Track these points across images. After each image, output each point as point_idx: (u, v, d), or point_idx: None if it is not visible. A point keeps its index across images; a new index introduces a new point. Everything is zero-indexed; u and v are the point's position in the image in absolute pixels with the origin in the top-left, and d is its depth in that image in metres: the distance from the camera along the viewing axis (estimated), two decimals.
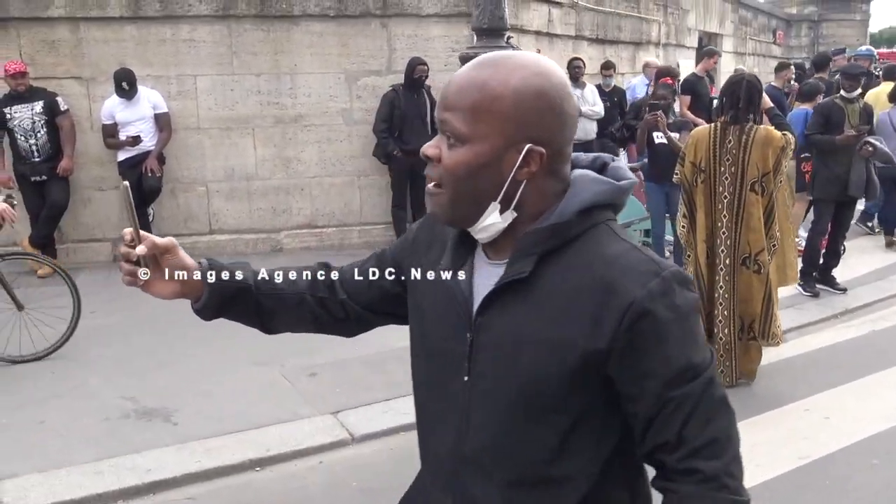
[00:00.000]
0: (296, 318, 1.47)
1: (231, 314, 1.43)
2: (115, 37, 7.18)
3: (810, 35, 31.10)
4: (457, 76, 1.20)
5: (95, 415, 4.32)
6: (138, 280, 1.32)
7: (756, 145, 4.55)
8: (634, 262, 1.15)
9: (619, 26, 13.12)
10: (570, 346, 1.15)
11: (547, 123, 1.17)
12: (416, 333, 1.38)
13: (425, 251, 1.37)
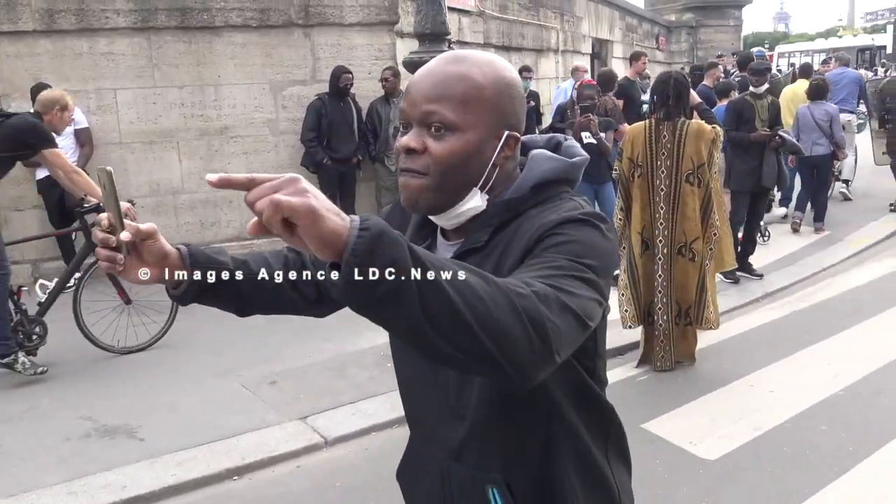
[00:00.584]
0: (270, 301, 1.51)
1: (209, 299, 1.44)
2: (29, 51, 6.93)
3: (689, 40, 32.49)
4: (429, 72, 1.27)
5: (55, 436, 4.18)
6: (117, 266, 1.29)
7: (689, 139, 4.85)
8: (565, 208, 1.25)
9: (523, 34, 13.52)
10: None
11: (517, 111, 1.31)
12: None
13: None
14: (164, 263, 1.33)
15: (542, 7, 15.08)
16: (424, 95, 1.25)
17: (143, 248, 1.29)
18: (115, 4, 7.03)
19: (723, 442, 3.95)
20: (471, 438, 1.35)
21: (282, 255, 1.53)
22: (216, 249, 1.45)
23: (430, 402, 1.42)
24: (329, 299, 1.51)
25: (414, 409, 1.50)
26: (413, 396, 1.49)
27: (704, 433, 4.06)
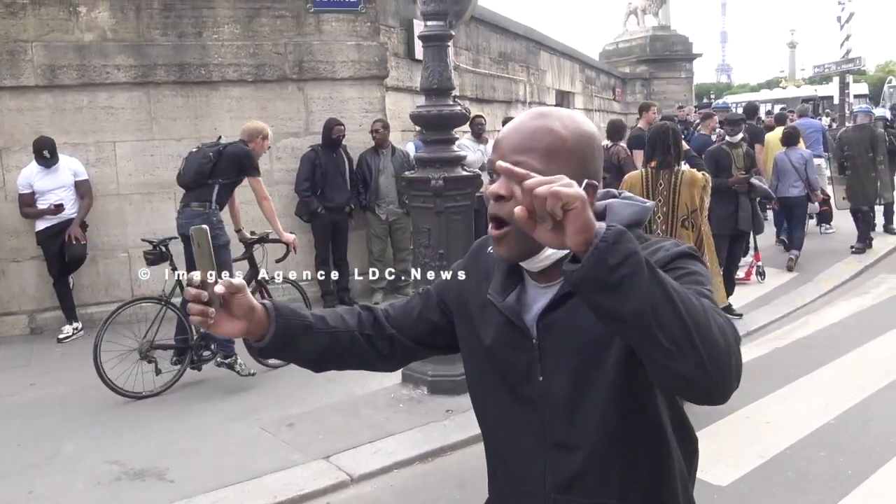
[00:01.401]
0: (346, 356, 1.60)
1: (289, 352, 1.54)
2: (30, 105, 7.08)
3: (644, 91, 33.48)
4: (518, 126, 1.39)
5: (85, 480, 4.27)
6: (209, 320, 1.37)
7: (683, 186, 5.19)
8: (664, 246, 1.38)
9: (494, 87, 13.97)
10: None
11: (596, 162, 1.42)
12: (473, 356, 1.56)
13: (476, 285, 1.54)
14: (251, 317, 1.44)
15: (511, 61, 15.61)
16: (513, 147, 1.36)
17: (233, 302, 1.40)
18: (115, 60, 7.23)
19: (731, 469, 4.19)
20: (585, 469, 1.42)
21: (355, 312, 1.63)
22: (298, 306, 1.56)
23: (524, 441, 1.48)
24: (400, 354, 1.65)
25: (502, 450, 1.54)
26: (501, 438, 1.53)
27: (712, 462, 4.30)
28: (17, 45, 6.96)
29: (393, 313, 1.65)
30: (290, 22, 7.88)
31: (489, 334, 1.49)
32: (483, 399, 1.57)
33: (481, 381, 1.55)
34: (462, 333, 1.59)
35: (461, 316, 1.58)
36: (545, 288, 1.44)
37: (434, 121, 5.31)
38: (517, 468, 1.51)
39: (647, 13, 34.13)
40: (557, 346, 1.41)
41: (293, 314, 1.51)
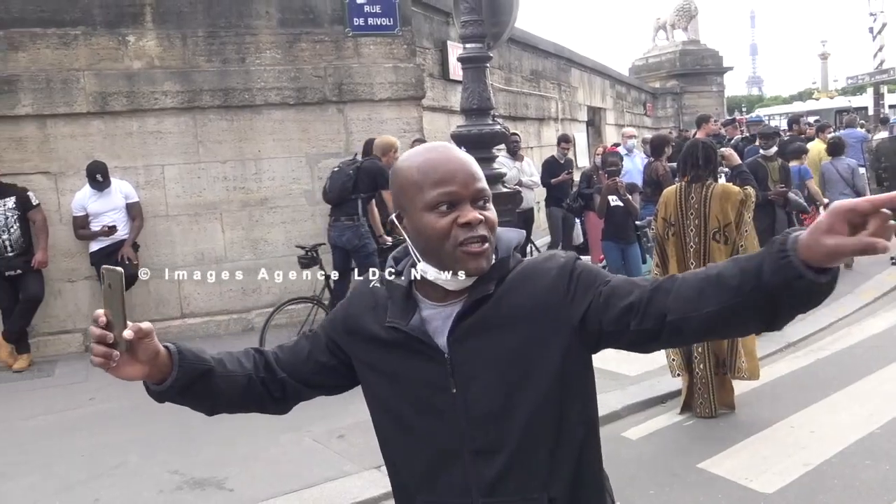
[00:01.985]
0: (241, 400, 1.63)
1: (188, 396, 1.53)
2: (83, 131, 7.35)
3: (674, 106, 33.50)
4: (454, 160, 1.49)
5: (149, 489, 4.44)
6: (111, 362, 1.37)
7: (714, 200, 5.27)
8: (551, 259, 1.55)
9: (526, 104, 14.14)
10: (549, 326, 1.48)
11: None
12: (379, 382, 1.59)
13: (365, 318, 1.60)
14: (154, 361, 1.44)
15: (542, 79, 15.77)
16: (470, 177, 1.48)
17: (139, 347, 1.40)
18: (163, 87, 7.50)
19: (777, 477, 4.25)
20: (508, 471, 1.50)
21: (250, 355, 1.66)
22: (199, 349, 1.56)
23: (441, 453, 1.54)
24: (291, 396, 1.68)
25: (420, 469, 1.58)
26: (417, 457, 1.57)
27: (758, 470, 4.37)
28: (70, 74, 7.25)
29: (282, 356, 1.67)
30: (330, 46, 8.10)
31: (391, 359, 1.55)
32: (396, 422, 1.59)
33: (392, 405, 1.58)
34: (363, 362, 1.62)
35: (358, 347, 1.61)
36: (443, 306, 1.53)
37: (475, 139, 5.48)
38: (439, 483, 1.55)
39: (675, 28, 34.19)
40: (469, 358, 1.49)
41: (196, 359, 1.52)
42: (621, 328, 1.44)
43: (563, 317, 1.47)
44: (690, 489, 4.20)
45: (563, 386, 1.50)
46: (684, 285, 1.39)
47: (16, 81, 7.08)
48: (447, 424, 1.51)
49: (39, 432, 5.41)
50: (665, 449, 4.74)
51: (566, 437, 1.52)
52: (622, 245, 7.03)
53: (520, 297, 1.49)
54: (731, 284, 1.32)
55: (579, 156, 17.06)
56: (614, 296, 1.45)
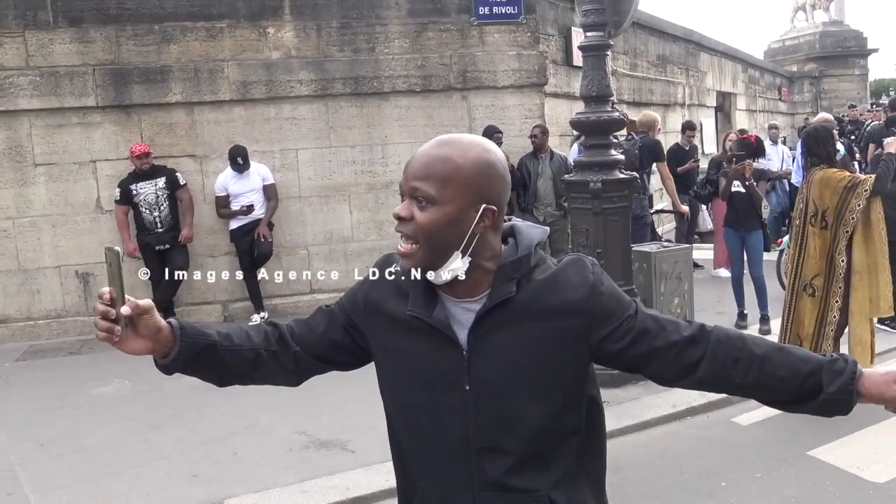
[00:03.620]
0: (250, 371, 1.66)
1: (194, 368, 1.60)
2: (226, 117, 7.92)
3: (812, 91, 32.08)
4: (422, 153, 1.49)
5: (280, 446, 4.87)
6: (114, 336, 1.45)
7: (814, 185, 5.27)
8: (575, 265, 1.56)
9: (651, 90, 13.99)
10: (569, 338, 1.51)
11: (496, 188, 1.50)
12: (395, 369, 1.62)
13: (388, 302, 1.60)
14: (157, 336, 1.51)
15: (669, 63, 15.53)
16: (414, 173, 1.47)
17: (139, 323, 1.48)
18: (298, 76, 7.96)
19: (890, 468, 4.23)
20: (514, 469, 1.53)
21: (262, 329, 1.69)
22: (204, 324, 1.63)
23: (449, 447, 1.56)
24: (304, 370, 1.71)
25: (427, 458, 1.60)
26: (427, 445, 1.59)
27: (870, 460, 4.34)
28: (215, 64, 7.81)
29: (297, 330, 1.70)
30: (455, 35, 8.36)
31: (411, 345, 1.56)
32: (405, 409, 1.62)
33: (403, 392, 1.61)
34: (381, 346, 1.63)
35: (378, 330, 1.63)
36: (463, 303, 1.54)
37: (593, 126, 5.59)
38: (442, 473, 1.58)
39: (816, 8, 32.67)
40: (486, 357, 1.51)
41: (197, 333, 1.57)
42: (640, 365, 1.55)
43: (583, 333, 1.51)
44: (798, 474, 4.24)
45: (573, 395, 1.56)
46: (720, 349, 1.52)
47: (168, 71, 7.71)
48: (457, 420, 1.53)
49: (183, 393, 5.93)
50: (775, 435, 4.76)
51: (571, 443, 1.56)
52: (742, 232, 6.97)
53: (544, 303, 1.51)
54: (778, 374, 1.51)
55: (707, 142, 16.70)
56: (646, 333, 1.52)
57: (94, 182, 7.71)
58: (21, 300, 7.70)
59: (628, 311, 1.53)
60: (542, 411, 1.52)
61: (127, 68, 7.65)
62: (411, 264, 1.49)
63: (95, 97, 7.59)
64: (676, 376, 1.56)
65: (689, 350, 1.52)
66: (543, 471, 1.54)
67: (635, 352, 1.53)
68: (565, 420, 1.55)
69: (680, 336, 1.53)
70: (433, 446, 1.58)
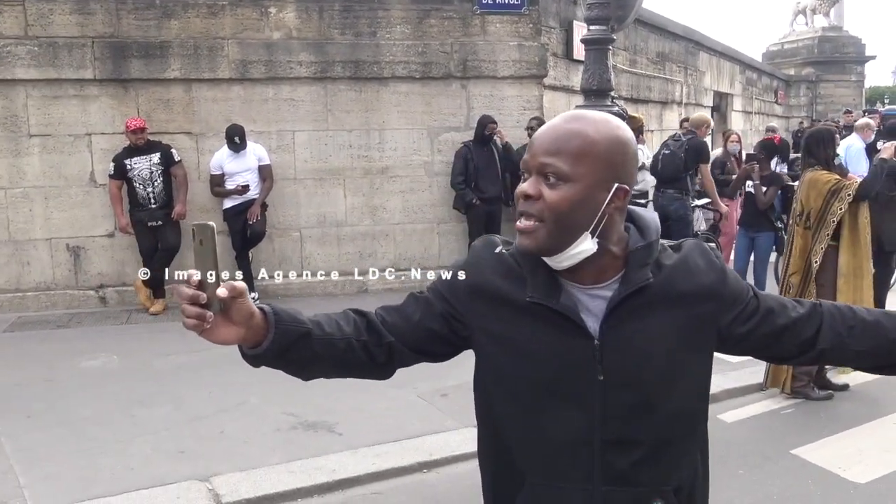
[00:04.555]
0: (340, 364, 1.52)
1: (285, 360, 1.45)
2: (224, 96, 7.89)
3: (808, 95, 32.15)
4: (552, 128, 1.42)
5: (267, 426, 4.87)
6: (205, 324, 1.29)
7: (802, 186, 5.40)
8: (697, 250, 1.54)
9: (650, 87, 14.00)
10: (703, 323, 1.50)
11: (627, 166, 1.44)
12: (508, 358, 1.50)
13: (498, 284, 1.50)
14: (250, 322, 1.35)
15: (668, 61, 15.54)
16: (544, 149, 1.39)
17: (233, 307, 1.31)
18: (298, 57, 7.94)
19: (870, 469, 4.27)
20: (640, 464, 1.47)
21: (351, 318, 1.54)
22: (295, 310, 1.46)
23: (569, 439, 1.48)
24: (396, 362, 1.57)
25: (540, 452, 1.51)
26: (541, 439, 1.50)
27: (853, 461, 4.39)
28: (215, 42, 7.78)
29: (389, 319, 1.56)
30: (457, 23, 8.35)
31: (530, 333, 1.47)
32: (520, 400, 1.51)
33: (519, 382, 1.50)
34: (489, 332, 1.52)
35: (486, 315, 1.51)
36: (590, 289, 1.47)
37: None
38: (559, 467, 1.49)
39: (816, 13, 32.70)
40: (621, 346, 1.45)
41: (293, 321, 1.43)
42: (766, 345, 1.56)
43: (715, 317, 1.50)
44: (780, 472, 4.27)
45: (704, 381, 1.55)
46: (834, 321, 1.56)
47: (167, 47, 7.67)
48: (583, 411, 1.46)
49: (172, 369, 5.96)
50: (759, 433, 4.80)
51: (696, 432, 1.55)
52: (751, 233, 7.05)
53: (679, 289, 1.47)
54: (892, 337, 1.55)
55: None
56: (771, 312, 1.54)
57: (89, 155, 7.68)
58: (10, 271, 7.67)
59: (749, 293, 1.55)
60: (678, 400, 1.49)
61: (126, 42, 7.61)
62: (532, 243, 1.41)
63: (93, 70, 7.54)
64: (798, 352, 1.58)
65: (809, 324, 1.55)
66: (672, 463, 1.51)
67: (763, 331, 1.53)
68: (697, 408, 1.54)
69: (799, 312, 1.56)
70: (552, 439, 1.49)
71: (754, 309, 1.53)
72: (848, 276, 5.28)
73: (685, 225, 8.11)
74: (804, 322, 1.55)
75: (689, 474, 1.54)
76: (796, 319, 1.54)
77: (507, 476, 1.55)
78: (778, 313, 1.54)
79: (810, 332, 1.55)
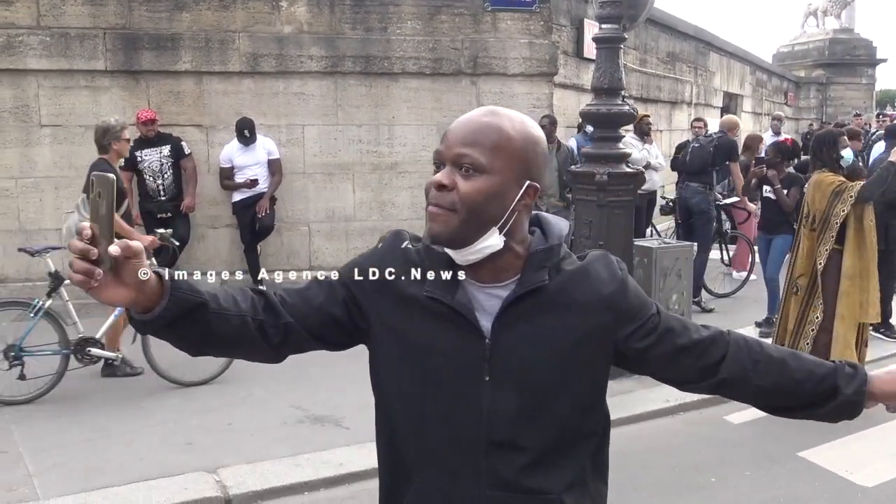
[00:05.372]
0: (232, 341, 1.44)
1: (176, 330, 1.36)
2: (234, 89, 7.90)
3: (818, 97, 32.03)
4: (468, 120, 1.41)
5: (274, 419, 4.90)
6: (92, 281, 1.21)
7: (809, 188, 5.47)
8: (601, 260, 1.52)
9: (660, 87, 13.97)
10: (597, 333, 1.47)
11: (540, 166, 1.44)
12: (400, 352, 1.47)
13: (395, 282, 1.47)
14: (142, 286, 1.28)
15: (678, 61, 15.51)
16: (461, 140, 1.38)
17: (125, 267, 1.25)
18: (309, 51, 7.94)
19: (879, 473, 4.27)
20: (527, 469, 1.44)
21: (248, 296, 1.47)
22: (195, 280, 1.40)
23: (457, 440, 1.46)
24: (291, 344, 1.50)
25: (429, 450, 1.48)
26: (430, 438, 1.48)
27: (860, 464, 4.39)
28: (226, 35, 7.78)
29: (290, 300, 1.49)
30: (468, 19, 8.34)
31: (425, 331, 1.45)
32: (409, 396, 1.48)
33: (409, 378, 1.47)
34: (387, 325, 1.49)
35: (386, 308, 1.48)
36: (488, 288, 1.46)
37: (603, 119, 5.60)
38: (447, 467, 1.47)
39: (828, 14, 32.55)
40: (510, 347, 1.43)
41: (189, 289, 1.34)
42: (664, 365, 1.53)
43: (611, 329, 1.48)
44: (787, 474, 4.28)
45: (596, 393, 1.52)
46: (739, 352, 1.52)
47: (179, 39, 7.67)
48: (470, 411, 1.44)
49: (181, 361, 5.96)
50: (767, 435, 4.79)
51: (586, 444, 1.52)
52: (769, 236, 7.05)
53: (574, 295, 1.46)
54: (796, 377, 1.52)
55: None
56: (671, 331, 1.50)
57: None
58: (20, 261, 7.65)
59: (652, 310, 1.51)
60: (566, 408, 1.46)
61: (138, 34, 7.62)
62: (443, 229, 1.38)
63: (105, 61, 7.55)
64: (698, 377, 1.54)
65: (711, 350, 1.52)
66: (558, 471, 1.47)
67: (661, 350, 1.50)
68: (587, 419, 1.51)
69: (701, 336, 1.52)
70: (439, 438, 1.47)
71: (654, 326, 1.50)
72: (854, 279, 5.29)
73: (707, 220, 8.09)
74: (706, 346, 1.52)
75: (578, 489, 1.50)
76: (697, 341, 1.51)
77: (397, 471, 1.53)
78: (679, 333, 1.51)
79: (713, 358, 1.51)
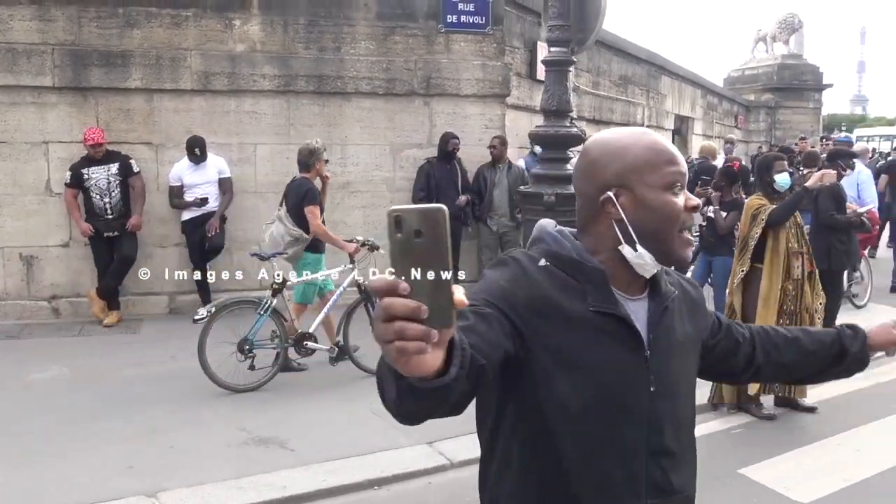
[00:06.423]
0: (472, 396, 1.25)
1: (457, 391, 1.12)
2: (185, 107, 7.84)
3: (767, 120, 32.74)
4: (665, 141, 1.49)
5: (217, 441, 4.82)
6: (425, 351, 0.94)
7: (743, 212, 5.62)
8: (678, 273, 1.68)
9: (612, 109, 14.19)
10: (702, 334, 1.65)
11: None
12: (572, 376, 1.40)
13: (559, 298, 1.41)
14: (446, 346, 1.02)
15: (631, 84, 15.77)
16: (676, 161, 1.47)
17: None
18: (262, 70, 7.92)
19: (816, 489, 4.35)
20: (675, 471, 1.51)
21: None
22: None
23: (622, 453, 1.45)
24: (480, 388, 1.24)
25: (594, 468, 1.44)
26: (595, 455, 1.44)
27: (797, 480, 4.46)
28: (178, 52, 7.73)
29: (472, 340, 1.23)
30: (422, 41, 8.40)
31: (592, 347, 1.41)
32: (581, 420, 1.42)
33: (577, 399, 1.41)
34: (551, 350, 1.39)
35: (551, 332, 1.39)
36: (634, 300, 1.49)
37: (551, 140, 5.68)
38: (613, 485, 1.45)
39: (776, 41, 33.38)
40: (663, 356, 1.49)
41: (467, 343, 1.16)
42: (723, 358, 1.71)
43: (705, 329, 1.66)
44: (727, 492, 4.33)
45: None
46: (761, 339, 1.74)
47: (129, 56, 7.60)
48: (633, 423, 1.45)
49: (124, 382, 5.87)
50: (708, 453, 4.84)
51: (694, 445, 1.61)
52: (709, 257, 7.18)
53: (690, 302, 1.61)
54: (811, 349, 1.74)
55: None
56: (733, 327, 1.72)
57: (46, 164, 7.57)
58: None
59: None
60: (691, 408, 1.60)
61: (87, 50, 7.53)
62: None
63: (52, 77, 7.45)
64: (744, 367, 1.74)
65: (750, 340, 1.73)
66: (690, 469, 1.58)
67: (725, 345, 1.70)
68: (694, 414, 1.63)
69: (739, 329, 1.74)
70: (605, 457, 1.44)
71: (718, 323, 1.69)
72: (765, 301, 5.36)
73: None
74: (746, 337, 1.72)
75: (694, 481, 1.60)
76: (743, 334, 1.72)
77: (562, 501, 1.46)
78: (734, 328, 1.72)
79: (751, 347, 1.72)
